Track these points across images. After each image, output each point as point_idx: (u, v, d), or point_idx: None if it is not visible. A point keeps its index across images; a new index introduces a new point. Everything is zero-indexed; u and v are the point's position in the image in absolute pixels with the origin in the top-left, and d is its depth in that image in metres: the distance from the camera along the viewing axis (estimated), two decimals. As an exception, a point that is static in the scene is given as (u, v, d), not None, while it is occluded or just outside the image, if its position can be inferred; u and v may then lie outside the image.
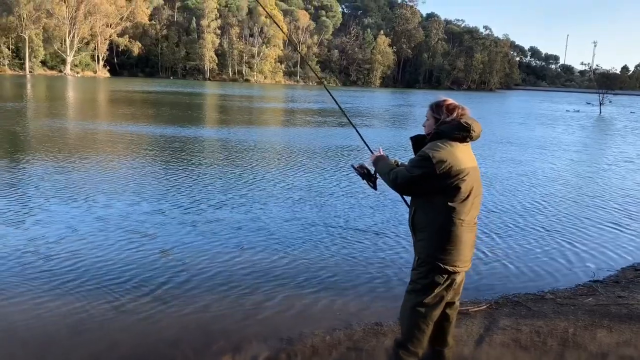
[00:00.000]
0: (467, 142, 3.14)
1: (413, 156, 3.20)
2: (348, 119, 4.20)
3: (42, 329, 4.13)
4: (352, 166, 3.72)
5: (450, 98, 3.28)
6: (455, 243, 3.06)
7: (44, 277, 5.09)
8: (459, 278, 3.19)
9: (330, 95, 4.28)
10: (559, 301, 4.90)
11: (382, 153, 3.54)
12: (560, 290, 5.30)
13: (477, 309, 4.62)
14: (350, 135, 19.03)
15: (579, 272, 5.96)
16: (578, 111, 44.61)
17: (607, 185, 11.57)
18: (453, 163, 2.99)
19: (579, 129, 28.45)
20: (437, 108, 3.20)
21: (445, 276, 3.11)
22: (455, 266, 3.10)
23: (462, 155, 3.05)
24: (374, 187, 3.61)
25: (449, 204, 3.04)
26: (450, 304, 3.30)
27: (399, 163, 3.51)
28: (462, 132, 3.08)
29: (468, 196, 3.07)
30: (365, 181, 3.63)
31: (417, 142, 3.29)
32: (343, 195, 9.24)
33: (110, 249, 5.96)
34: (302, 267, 5.69)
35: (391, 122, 27.17)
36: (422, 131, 3.35)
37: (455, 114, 3.13)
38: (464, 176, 3.02)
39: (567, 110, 45.46)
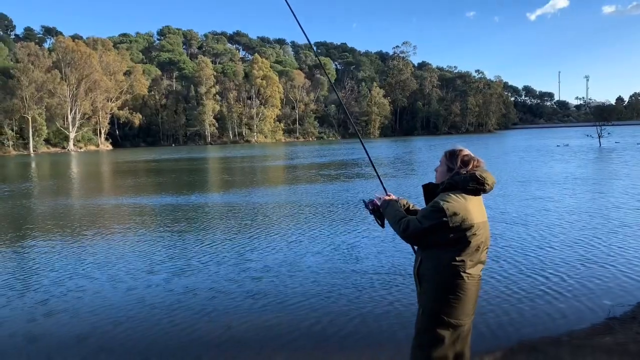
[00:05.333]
0: (480, 195, 3.10)
1: (424, 205, 3.17)
2: (371, 162, 4.23)
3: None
4: (363, 201, 3.67)
5: (461, 145, 3.26)
6: (460, 297, 3.00)
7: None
8: (465, 328, 3.11)
9: (363, 145, 4.23)
10: (575, 343, 4.76)
11: (392, 197, 3.49)
12: (577, 331, 5.15)
13: (493, 358, 4.49)
14: (360, 187, 19.03)
15: (596, 309, 5.81)
16: (567, 145, 44.76)
17: (618, 217, 11.41)
18: (466, 217, 2.94)
19: (592, 162, 28.02)
20: (451, 157, 3.17)
21: (451, 330, 3.04)
22: (459, 319, 3.03)
23: (474, 209, 3.01)
24: (382, 225, 3.56)
25: (457, 257, 2.98)
26: (460, 356, 3.16)
27: (411, 206, 3.48)
28: (476, 185, 3.03)
29: (476, 251, 3.02)
30: (374, 217, 3.59)
31: (429, 190, 3.24)
32: (366, 255, 8.90)
33: (146, 335, 5.56)
34: (320, 329, 5.56)
35: (402, 170, 27.05)
36: (433, 178, 3.32)
37: (470, 167, 3.09)
38: (475, 230, 2.98)
39: (557, 145, 45.44)
